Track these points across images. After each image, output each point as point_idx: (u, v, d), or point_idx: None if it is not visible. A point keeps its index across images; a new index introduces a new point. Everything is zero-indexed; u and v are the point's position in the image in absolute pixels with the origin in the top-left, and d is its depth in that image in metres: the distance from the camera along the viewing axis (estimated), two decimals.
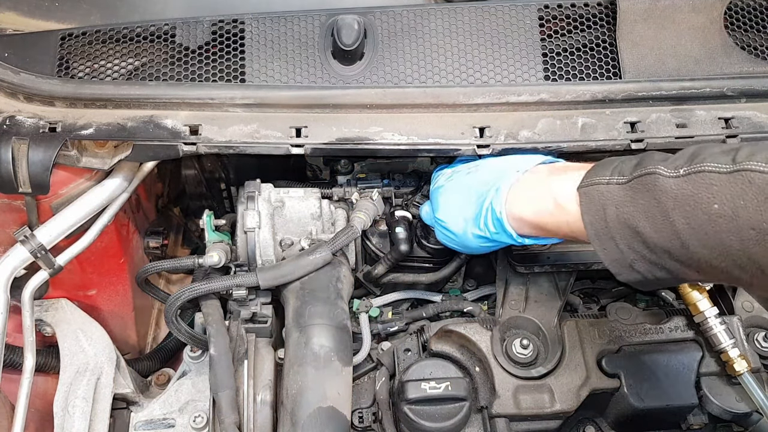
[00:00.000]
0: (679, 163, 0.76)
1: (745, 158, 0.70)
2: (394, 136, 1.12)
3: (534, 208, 0.94)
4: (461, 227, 1.06)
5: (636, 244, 0.80)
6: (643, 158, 0.81)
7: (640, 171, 0.79)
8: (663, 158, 0.79)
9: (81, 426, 1.14)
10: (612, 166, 0.85)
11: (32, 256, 1.13)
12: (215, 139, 1.10)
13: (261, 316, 1.19)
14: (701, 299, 1.17)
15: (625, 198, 0.79)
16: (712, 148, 0.76)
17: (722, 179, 0.70)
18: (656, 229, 0.76)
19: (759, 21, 1.21)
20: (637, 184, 0.78)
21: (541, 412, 1.16)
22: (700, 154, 0.75)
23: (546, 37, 1.18)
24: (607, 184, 0.82)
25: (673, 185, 0.74)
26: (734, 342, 1.15)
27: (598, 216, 0.83)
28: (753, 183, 0.68)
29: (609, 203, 0.81)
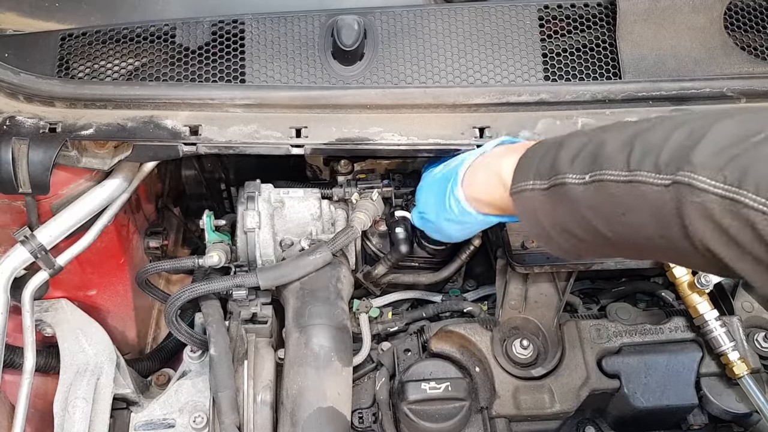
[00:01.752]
0: (584, 165, 0.78)
1: (636, 164, 0.71)
2: (394, 137, 1.12)
3: (486, 189, 0.96)
4: (435, 214, 1.08)
5: (573, 240, 0.84)
6: (556, 155, 0.83)
7: (554, 179, 0.81)
8: (571, 155, 0.80)
9: (81, 426, 1.14)
10: (534, 166, 0.86)
11: (32, 257, 1.13)
12: (215, 139, 1.10)
13: (261, 317, 1.19)
14: (701, 302, 1.17)
15: (549, 207, 0.82)
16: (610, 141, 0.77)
17: (621, 190, 0.72)
18: (585, 231, 0.80)
19: (759, 21, 1.21)
20: (553, 193, 0.81)
21: (541, 412, 1.16)
22: (599, 155, 0.76)
23: (546, 37, 1.18)
24: (531, 191, 0.85)
25: (582, 194, 0.77)
26: (734, 345, 1.15)
27: (533, 221, 0.87)
28: (645, 197, 0.70)
29: (539, 210, 0.85)
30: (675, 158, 0.68)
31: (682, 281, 1.19)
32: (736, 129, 0.66)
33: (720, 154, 0.65)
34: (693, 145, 0.67)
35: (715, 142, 0.66)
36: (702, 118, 0.71)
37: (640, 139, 0.73)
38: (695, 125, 0.70)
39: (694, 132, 0.69)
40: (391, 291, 1.41)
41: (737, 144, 0.64)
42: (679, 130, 0.70)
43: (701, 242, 0.67)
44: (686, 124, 0.71)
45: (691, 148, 0.67)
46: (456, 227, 1.06)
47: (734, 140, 0.65)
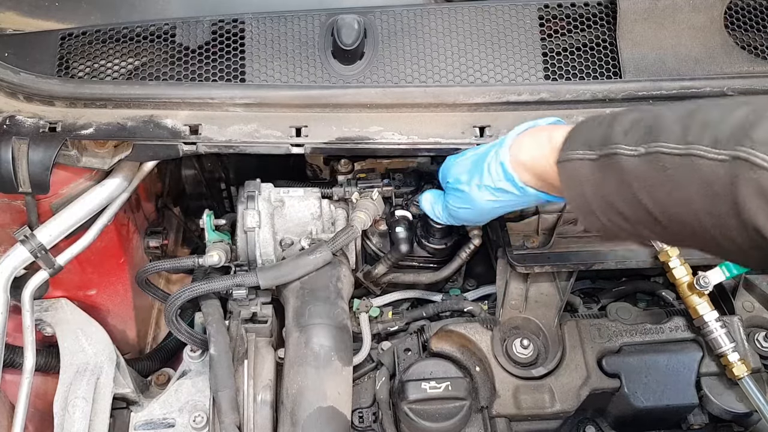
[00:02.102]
0: (638, 137, 0.77)
1: (694, 137, 0.71)
2: (394, 136, 1.12)
3: (533, 153, 0.94)
4: (468, 182, 1.03)
5: (614, 217, 0.82)
6: (609, 128, 0.82)
7: (606, 149, 0.80)
8: (625, 129, 0.80)
9: (81, 426, 1.14)
10: (583, 136, 0.86)
11: (32, 256, 1.13)
12: (215, 138, 1.10)
13: (261, 316, 1.19)
14: (701, 303, 1.17)
15: (597, 177, 0.81)
16: (667, 116, 0.76)
17: (675, 162, 0.72)
18: (630, 206, 0.79)
19: (759, 21, 1.21)
20: (604, 163, 0.80)
21: (541, 412, 1.16)
22: (655, 127, 0.76)
23: (546, 36, 1.18)
24: (580, 160, 0.83)
25: (634, 166, 0.76)
26: (734, 345, 1.15)
27: (577, 192, 0.85)
28: (699, 171, 0.69)
29: (585, 181, 0.83)
30: (735, 133, 0.67)
31: (682, 282, 1.19)
32: None
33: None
34: (755, 122, 0.66)
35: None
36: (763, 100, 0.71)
37: (699, 114, 0.73)
38: (758, 105, 0.69)
39: (757, 110, 0.68)
40: (391, 290, 1.41)
41: None
42: (741, 108, 0.69)
43: (752, 221, 0.65)
44: (748, 104, 0.70)
45: (753, 124, 0.66)
46: (490, 198, 1.00)
47: None
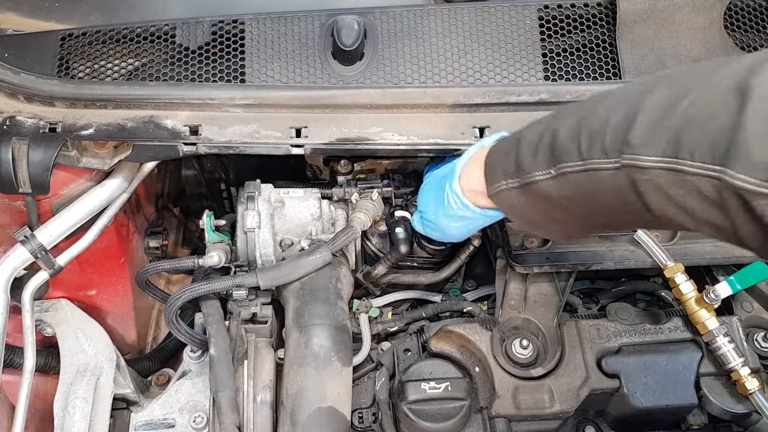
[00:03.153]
0: (546, 160, 0.82)
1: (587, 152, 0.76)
2: (394, 136, 1.12)
3: (480, 180, 0.97)
4: (435, 214, 1.09)
5: (559, 224, 0.90)
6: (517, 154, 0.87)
7: (524, 178, 0.86)
8: (532, 152, 0.85)
9: (81, 426, 1.14)
10: (501, 166, 0.91)
11: (32, 257, 1.13)
12: (215, 139, 1.11)
13: (261, 317, 1.19)
14: (709, 318, 1.16)
15: (527, 201, 0.88)
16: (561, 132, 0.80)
17: (581, 177, 0.77)
18: (565, 215, 0.86)
19: (759, 21, 1.21)
20: (527, 189, 0.86)
21: (540, 412, 1.16)
22: (556, 148, 0.80)
23: (546, 37, 1.18)
24: (507, 190, 0.90)
25: (552, 187, 0.82)
26: (744, 360, 1.14)
27: (516, 214, 0.93)
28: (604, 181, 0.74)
29: (518, 206, 0.90)
30: (617, 142, 0.72)
31: (688, 298, 1.18)
32: (664, 99, 0.69)
33: (654, 130, 0.68)
34: (629, 126, 0.70)
35: (648, 118, 0.69)
36: (635, 92, 0.74)
37: (584, 125, 0.77)
38: (629, 103, 0.72)
39: (628, 112, 0.71)
40: (391, 291, 1.41)
41: (667, 115, 0.67)
42: (615, 112, 0.74)
43: (662, 213, 0.70)
44: (622, 103, 0.74)
45: (628, 129, 0.70)
46: (455, 224, 1.06)
47: (664, 112, 0.68)
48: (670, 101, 0.68)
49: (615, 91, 0.79)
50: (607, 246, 1.25)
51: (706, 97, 0.65)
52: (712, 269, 1.31)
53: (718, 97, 0.63)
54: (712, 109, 0.63)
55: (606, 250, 1.24)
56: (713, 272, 1.31)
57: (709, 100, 0.64)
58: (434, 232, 1.15)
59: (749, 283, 1.16)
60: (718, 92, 0.64)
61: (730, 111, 0.61)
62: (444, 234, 1.12)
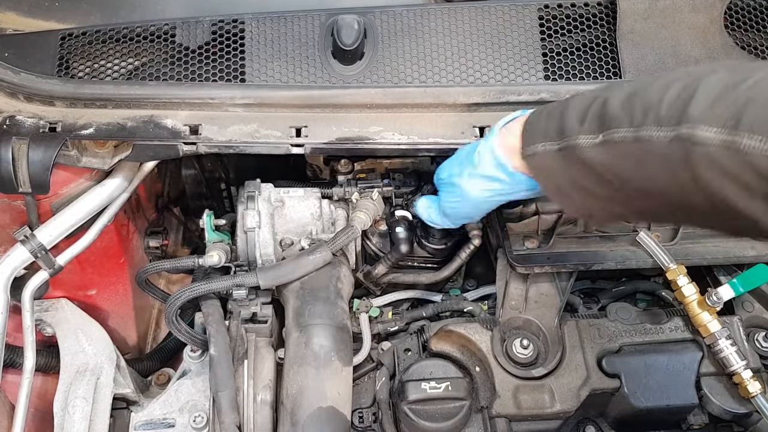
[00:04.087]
0: (594, 126, 0.81)
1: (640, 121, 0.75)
2: (394, 136, 1.12)
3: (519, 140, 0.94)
4: (459, 174, 1.03)
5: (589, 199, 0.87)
6: (562, 117, 0.86)
7: (566, 141, 0.84)
8: (579, 117, 0.83)
9: (81, 426, 1.14)
10: (541, 128, 0.89)
11: (32, 256, 1.13)
12: (215, 138, 1.11)
13: (261, 316, 1.19)
14: (711, 320, 1.16)
15: (563, 167, 0.86)
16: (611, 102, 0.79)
17: (630, 146, 0.76)
18: (600, 186, 0.84)
19: (759, 21, 1.21)
20: (567, 153, 0.84)
21: (541, 412, 1.16)
22: (605, 115, 0.79)
23: (546, 36, 1.18)
24: (543, 154, 0.87)
25: (596, 153, 0.80)
26: (746, 363, 1.14)
27: (548, 181, 0.90)
28: (654, 150, 0.73)
29: (553, 171, 0.88)
30: (675, 112, 0.71)
31: (690, 300, 1.18)
32: (726, 79, 0.70)
33: (714, 104, 0.68)
34: (689, 99, 0.70)
35: (709, 94, 0.69)
36: (693, 72, 0.74)
37: (638, 97, 0.76)
38: (687, 80, 0.73)
39: (688, 86, 0.71)
40: (391, 291, 1.41)
41: (729, 93, 0.67)
42: (672, 87, 0.73)
43: (711, 190, 0.69)
44: (680, 79, 0.74)
45: (688, 101, 0.70)
46: (481, 186, 1.00)
47: (726, 89, 0.68)
48: (731, 81, 0.68)
49: (669, 73, 0.78)
50: (608, 246, 1.25)
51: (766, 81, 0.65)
52: (713, 269, 1.31)
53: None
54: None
55: (607, 250, 1.24)
56: (714, 272, 1.31)
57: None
58: (452, 198, 1.07)
59: (752, 285, 1.15)
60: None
61: None
62: (464, 199, 1.04)
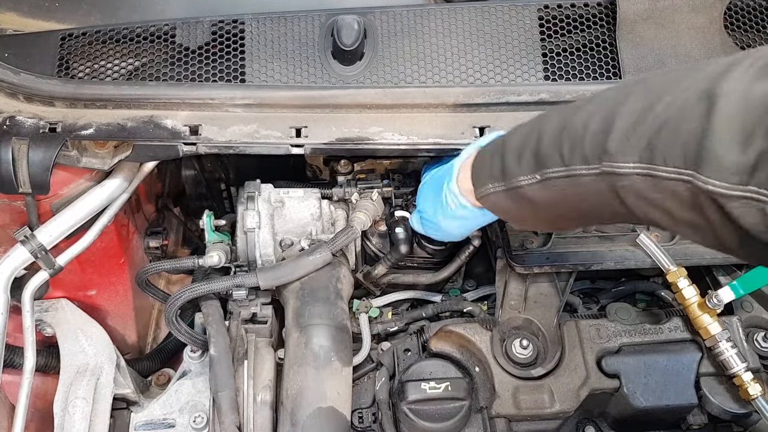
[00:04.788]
0: (530, 166, 0.84)
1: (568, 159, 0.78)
2: (394, 136, 1.12)
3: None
4: (434, 214, 1.09)
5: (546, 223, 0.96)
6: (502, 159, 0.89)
7: (510, 183, 0.88)
8: (516, 158, 0.87)
9: (81, 426, 1.14)
10: (486, 169, 0.93)
11: (32, 257, 1.13)
12: (215, 139, 1.10)
13: (261, 317, 1.19)
14: (712, 323, 1.16)
15: (513, 203, 0.90)
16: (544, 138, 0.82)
17: (565, 183, 0.79)
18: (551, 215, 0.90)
19: (759, 21, 1.21)
20: (513, 193, 0.88)
21: (540, 412, 1.16)
22: (539, 154, 0.82)
23: (546, 37, 1.18)
24: (494, 193, 0.92)
25: (538, 192, 0.84)
26: (746, 365, 1.14)
27: (505, 215, 0.97)
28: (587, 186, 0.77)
29: (506, 207, 0.92)
30: (596, 149, 0.74)
31: (691, 303, 1.18)
32: (639, 105, 0.70)
33: (629, 136, 0.70)
34: (607, 133, 0.72)
35: (624, 125, 0.70)
36: (613, 98, 0.75)
37: (566, 131, 0.79)
38: (606, 109, 0.74)
39: (606, 118, 0.73)
40: (391, 291, 1.41)
41: (642, 121, 0.69)
42: (594, 118, 0.75)
43: (644, 215, 0.72)
44: (600, 109, 0.75)
45: (606, 136, 0.72)
46: (455, 224, 1.06)
47: (638, 118, 0.69)
48: (643, 107, 0.69)
49: (595, 96, 0.80)
50: (608, 246, 1.25)
51: (677, 103, 0.66)
52: (713, 269, 1.31)
53: (688, 102, 0.64)
54: (683, 113, 0.64)
55: (606, 250, 1.24)
56: (713, 272, 1.31)
57: (680, 105, 0.65)
58: (434, 231, 1.15)
59: (752, 288, 1.16)
60: (688, 97, 0.65)
61: (699, 116, 0.62)
62: (444, 233, 1.12)
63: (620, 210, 0.75)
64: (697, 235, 0.69)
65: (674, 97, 0.66)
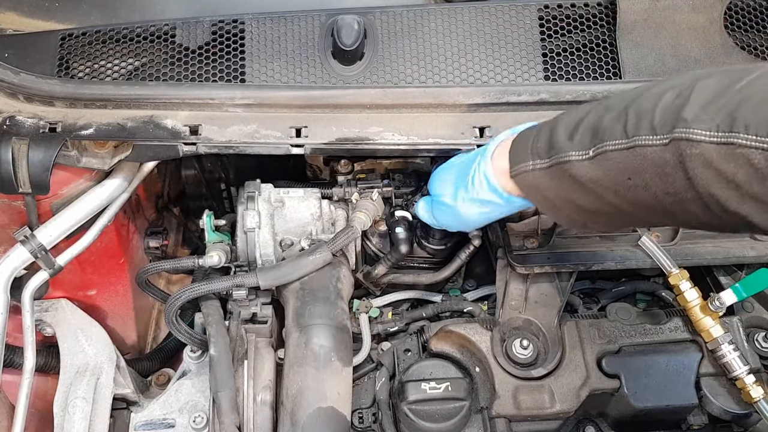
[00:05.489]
0: (586, 141, 0.82)
1: (634, 130, 0.76)
2: (394, 136, 1.12)
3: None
4: (454, 196, 1.05)
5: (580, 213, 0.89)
6: (552, 133, 0.87)
7: (555, 158, 0.85)
8: (568, 134, 0.84)
9: (81, 426, 1.14)
10: (528, 145, 0.90)
11: (32, 257, 1.13)
12: (215, 139, 1.11)
13: (261, 317, 1.19)
14: (714, 325, 1.16)
15: (553, 184, 0.87)
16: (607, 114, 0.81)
17: (624, 156, 0.77)
18: (592, 201, 0.86)
19: (759, 21, 1.21)
20: (556, 171, 0.85)
21: (541, 412, 1.16)
22: (599, 128, 0.81)
23: (546, 37, 1.18)
24: (532, 171, 0.89)
25: (587, 170, 0.82)
26: (749, 368, 1.14)
27: (539, 197, 0.92)
28: (647, 158, 0.75)
29: (543, 188, 0.89)
30: (669, 118, 0.73)
31: (693, 305, 1.17)
32: (719, 82, 0.71)
33: (709, 105, 0.69)
34: (683, 104, 0.72)
35: (702, 97, 0.70)
36: (686, 79, 0.75)
37: (632, 107, 0.78)
38: (681, 86, 0.74)
39: (682, 92, 0.73)
40: (391, 291, 1.41)
41: (723, 94, 0.69)
42: (667, 94, 0.75)
43: (706, 189, 0.71)
44: (673, 87, 0.75)
45: (682, 106, 0.71)
46: (476, 209, 1.02)
47: (720, 91, 0.69)
48: (725, 84, 0.69)
49: (660, 81, 0.79)
50: (608, 246, 1.25)
51: (763, 80, 0.66)
52: (713, 269, 1.31)
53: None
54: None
55: (607, 250, 1.24)
56: (714, 272, 1.31)
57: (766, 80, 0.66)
58: (448, 218, 1.09)
59: (755, 290, 1.15)
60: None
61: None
62: (458, 220, 1.07)
63: (679, 185, 0.73)
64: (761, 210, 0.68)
65: (758, 76, 0.67)
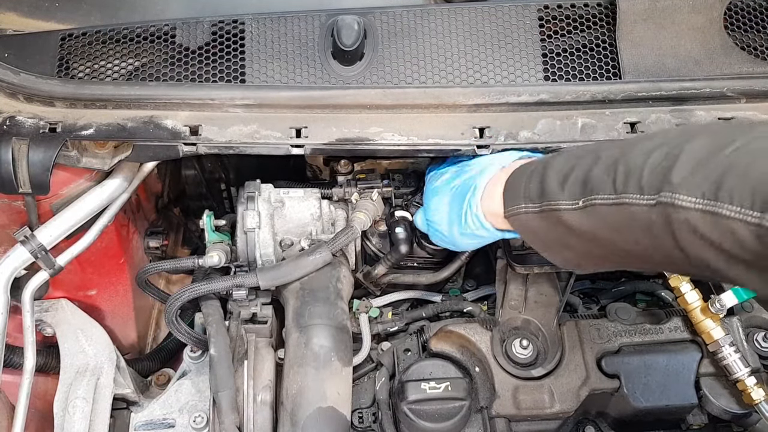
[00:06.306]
0: (575, 191, 0.83)
1: (622, 187, 0.77)
2: (394, 137, 1.12)
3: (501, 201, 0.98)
4: (448, 227, 1.08)
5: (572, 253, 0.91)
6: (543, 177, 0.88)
7: (546, 204, 0.87)
8: (559, 182, 0.86)
9: (81, 426, 1.15)
10: (521, 189, 0.92)
11: (32, 257, 1.13)
12: (215, 139, 1.10)
13: (261, 317, 1.19)
14: (715, 327, 1.16)
15: (545, 227, 0.89)
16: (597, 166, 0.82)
17: (612, 211, 0.78)
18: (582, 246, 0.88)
19: (759, 21, 1.20)
20: (548, 216, 0.87)
21: (540, 412, 1.16)
22: (589, 180, 0.82)
23: (546, 37, 1.17)
24: (525, 214, 0.90)
25: (578, 219, 0.83)
26: (750, 370, 1.14)
27: (533, 237, 0.94)
28: (635, 216, 0.75)
29: (536, 230, 0.91)
30: (656, 180, 0.73)
31: (694, 307, 1.18)
32: (708, 145, 0.70)
33: (696, 171, 0.69)
34: (671, 165, 0.72)
35: (690, 161, 0.70)
36: (676, 137, 0.75)
37: (622, 161, 0.78)
38: (670, 145, 0.74)
39: (670, 153, 0.73)
40: (391, 291, 1.41)
41: (711, 159, 0.68)
42: (656, 152, 0.75)
43: (693, 253, 0.71)
44: (663, 145, 0.75)
45: (669, 168, 0.72)
46: (470, 241, 1.07)
47: (707, 156, 0.69)
48: (713, 147, 0.69)
49: (652, 136, 0.80)
50: None
51: (751, 146, 0.66)
52: None
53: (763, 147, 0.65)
54: (756, 156, 0.65)
55: None
56: None
57: (753, 148, 0.66)
58: (444, 243, 1.14)
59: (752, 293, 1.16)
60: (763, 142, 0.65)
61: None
62: (454, 245, 1.12)
63: (667, 246, 0.73)
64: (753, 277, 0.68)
65: (747, 140, 0.67)
